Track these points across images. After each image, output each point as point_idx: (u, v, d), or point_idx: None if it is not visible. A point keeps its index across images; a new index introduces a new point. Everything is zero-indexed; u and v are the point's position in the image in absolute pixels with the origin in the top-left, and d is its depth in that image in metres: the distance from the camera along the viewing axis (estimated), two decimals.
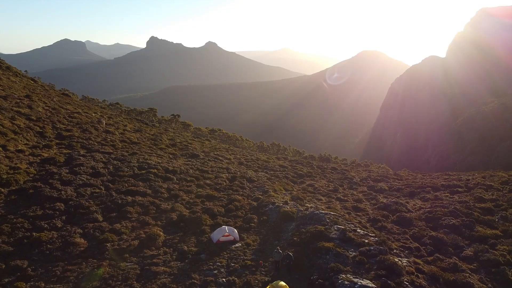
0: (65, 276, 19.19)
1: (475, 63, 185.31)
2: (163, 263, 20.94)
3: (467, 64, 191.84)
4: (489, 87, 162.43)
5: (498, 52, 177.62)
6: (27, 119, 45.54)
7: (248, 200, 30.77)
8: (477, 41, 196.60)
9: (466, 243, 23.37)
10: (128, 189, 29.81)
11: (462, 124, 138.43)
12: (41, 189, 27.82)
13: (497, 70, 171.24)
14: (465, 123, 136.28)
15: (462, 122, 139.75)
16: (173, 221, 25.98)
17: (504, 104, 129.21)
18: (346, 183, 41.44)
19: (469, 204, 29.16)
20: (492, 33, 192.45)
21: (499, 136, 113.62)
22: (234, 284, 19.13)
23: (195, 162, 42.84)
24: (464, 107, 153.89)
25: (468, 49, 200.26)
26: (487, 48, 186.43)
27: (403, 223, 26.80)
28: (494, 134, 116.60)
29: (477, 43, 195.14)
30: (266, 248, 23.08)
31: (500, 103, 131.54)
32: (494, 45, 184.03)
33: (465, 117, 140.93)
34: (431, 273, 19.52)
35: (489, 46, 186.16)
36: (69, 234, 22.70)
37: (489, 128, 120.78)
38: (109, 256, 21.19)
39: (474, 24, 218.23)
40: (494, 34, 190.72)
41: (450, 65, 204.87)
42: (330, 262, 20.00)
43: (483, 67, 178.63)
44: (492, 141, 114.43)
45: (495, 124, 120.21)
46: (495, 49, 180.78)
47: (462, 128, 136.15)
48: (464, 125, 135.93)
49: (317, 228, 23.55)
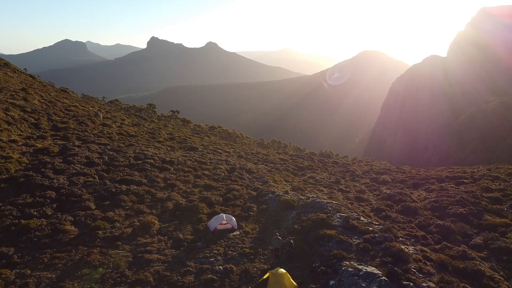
0: (53, 264, 18.18)
1: (476, 63, 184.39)
2: (157, 251, 19.93)
3: (467, 63, 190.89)
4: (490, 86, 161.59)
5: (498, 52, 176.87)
6: (21, 111, 44.53)
7: (247, 190, 29.74)
8: (477, 41, 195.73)
9: (474, 232, 22.35)
10: (123, 178, 28.79)
11: (463, 123, 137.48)
12: (32, 178, 26.79)
13: (498, 70, 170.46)
14: (466, 122, 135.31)
15: (463, 121, 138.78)
16: (169, 209, 24.96)
17: (505, 103, 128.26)
18: (348, 175, 40.38)
19: (476, 194, 28.12)
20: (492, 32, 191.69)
21: (500, 135, 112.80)
22: (232, 272, 18.10)
23: (193, 154, 41.82)
24: (465, 106, 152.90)
25: (469, 48, 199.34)
26: (487, 48, 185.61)
27: (408, 212, 25.75)
28: (494, 133, 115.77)
29: (477, 43, 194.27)
30: (265, 236, 22.04)
31: (501, 102, 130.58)
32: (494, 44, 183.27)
33: (466, 116, 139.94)
34: (439, 260, 18.48)
35: (489, 46, 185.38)
36: (59, 222, 21.67)
37: (490, 127, 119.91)
38: (100, 243, 20.19)
39: (474, 24, 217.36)
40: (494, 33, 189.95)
41: (451, 64, 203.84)
42: (332, 249, 18.98)
43: (484, 66, 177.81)
44: (493, 140, 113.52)
45: (496, 123, 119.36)
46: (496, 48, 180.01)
47: (463, 127, 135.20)
48: (465, 124, 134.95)
49: (318, 216, 22.53)
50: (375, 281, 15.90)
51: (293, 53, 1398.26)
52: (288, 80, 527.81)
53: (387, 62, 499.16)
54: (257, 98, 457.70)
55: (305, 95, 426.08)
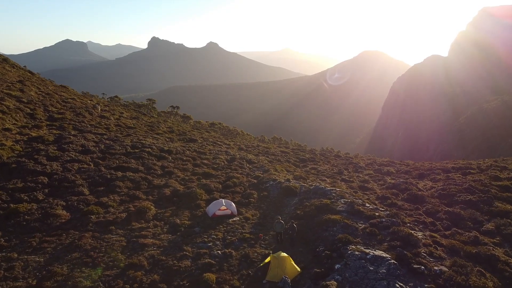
0: (41, 247, 17.20)
1: (477, 63, 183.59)
2: (153, 236, 18.94)
3: (468, 63, 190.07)
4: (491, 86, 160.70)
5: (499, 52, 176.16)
6: (17, 101, 43.58)
7: (247, 178, 28.73)
8: (478, 41, 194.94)
9: (485, 218, 21.33)
10: (119, 165, 27.83)
11: (464, 122, 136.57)
12: (24, 164, 25.82)
13: (499, 70, 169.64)
14: (467, 121, 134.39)
15: (464, 121, 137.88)
16: (166, 196, 23.96)
17: (506, 103, 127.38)
18: (351, 167, 39.36)
19: (484, 182, 27.11)
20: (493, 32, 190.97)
21: (501, 135, 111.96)
22: (231, 257, 17.11)
23: (193, 145, 40.83)
24: (466, 106, 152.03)
25: (470, 48, 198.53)
26: (488, 48, 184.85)
27: (415, 200, 24.74)
28: (496, 132, 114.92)
29: (478, 43, 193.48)
30: (266, 222, 21.05)
31: (502, 101, 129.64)
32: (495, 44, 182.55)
33: (467, 115, 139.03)
34: (450, 245, 17.47)
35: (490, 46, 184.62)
36: (50, 206, 20.69)
37: (491, 126, 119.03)
38: (92, 228, 19.21)
39: (475, 24, 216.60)
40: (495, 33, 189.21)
41: (452, 64, 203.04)
42: (337, 234, 17.96)
43: (485, 66, 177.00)
44: (494, 139, 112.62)
45: (497, 122, 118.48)
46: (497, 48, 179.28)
47: (464, 126, 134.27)
48: (466, 123, 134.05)
49: (322, 201, 21.52)
50: (383, 264, 14.89)
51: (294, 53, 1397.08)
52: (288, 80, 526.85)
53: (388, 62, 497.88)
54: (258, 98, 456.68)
55: (306, 95, 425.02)
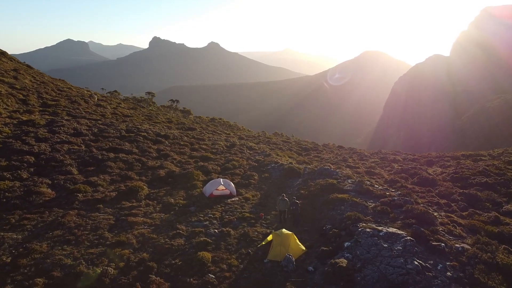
0: (20, 225, 15.68)
1: (479, 62, 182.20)
2: (144, 215, 17.41)
3: (470, 63, 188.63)
4: (492, 86, 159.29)
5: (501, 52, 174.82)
6: (10, 87, 42.12)
7: (248, 162, 27.19)
8: (480, 41, 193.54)
9: (504, 200, 19.75)
10: (112, 147, 26.32)
11: (465, 122, 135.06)
12: (10, 144, 24.33)
13: (500, 69, 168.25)
14: (469, 121, 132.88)
15: (465, 120, 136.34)
16: (160, 176, 22.43)
17: (508, 102, 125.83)
18: (356, 156, 37.81)
19: (499, 166, 25.53)
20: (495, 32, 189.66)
21: (503, 134, 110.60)
22: (229, 235, 15.54)
23: (191, 133, 39.30)
24: (468, 105, 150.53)
25: (472, 48, 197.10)
26: (490, 48, 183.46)
27: (426, 183, 23.14)
28: (497, 131, 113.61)
29: (480, 43, 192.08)
30: (268, 202, 19.52)
31: (504, 101, 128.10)
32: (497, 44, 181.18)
33: (468, 115, 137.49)
34: (470, 225, 15.90)
35: (492, 46, 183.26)
36: (34, 184, 19.19)
37: (492, 126, 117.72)
38: (78, 206, 17.68)
39: (477, 24, 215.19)
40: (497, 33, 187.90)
41: (454, 64, 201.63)
42: (345, 212, 16.42)
43: (487, 66, 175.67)
44: (496, 138, 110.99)
45: (499, 122, 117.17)
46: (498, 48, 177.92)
47: (466, 126, 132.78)
48: (468, 123, 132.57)
49: (328, 181, 19.98)
50: (399, 241, 13.31)
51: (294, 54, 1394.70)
52: (289, 81, 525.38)
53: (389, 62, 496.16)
54: (258, 98, 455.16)
55: (306, 95, 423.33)
